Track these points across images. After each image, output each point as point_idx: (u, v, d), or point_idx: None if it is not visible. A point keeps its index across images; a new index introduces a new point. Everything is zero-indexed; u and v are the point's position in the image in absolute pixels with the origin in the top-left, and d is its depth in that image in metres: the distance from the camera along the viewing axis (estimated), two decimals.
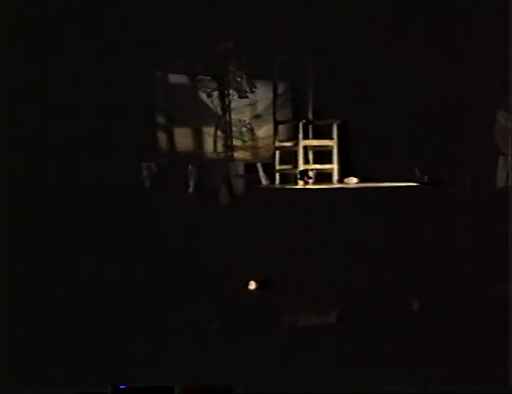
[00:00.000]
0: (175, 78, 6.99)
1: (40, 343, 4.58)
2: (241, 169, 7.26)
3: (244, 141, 7.35)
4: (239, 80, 7.13)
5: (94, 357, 4.39)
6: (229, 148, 7.20)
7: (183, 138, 7.05)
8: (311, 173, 6.89)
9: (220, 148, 7.17)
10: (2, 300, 4.71)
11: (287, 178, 7.27)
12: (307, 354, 4.54)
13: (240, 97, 7.20)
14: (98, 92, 6.04)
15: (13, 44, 5.58)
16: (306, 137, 7.20)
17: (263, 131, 7.46)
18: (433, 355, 4.48)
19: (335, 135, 7.13)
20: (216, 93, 7.09)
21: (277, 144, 7.33)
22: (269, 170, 7.30)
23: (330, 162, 7.14)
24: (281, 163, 7.30)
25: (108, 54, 6.09)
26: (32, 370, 4.23)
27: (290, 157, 7.21)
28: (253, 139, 7.42)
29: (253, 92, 7.26)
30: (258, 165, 7.33)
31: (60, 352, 4.44)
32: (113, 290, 5.33)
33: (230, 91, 7.12)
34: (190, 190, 6.79)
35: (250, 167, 7.32)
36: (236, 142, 7.28)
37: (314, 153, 7.34)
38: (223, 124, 7.16)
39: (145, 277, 5.61)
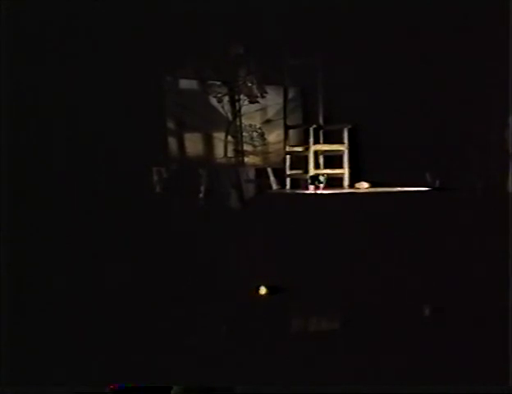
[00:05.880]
0: (185, 83, 7.00)
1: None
2: (252, 174, 7.25)
3: (254, 146, 7.36)
4: (249, 85, 7.14)
5: (99, 358, 4.42)
6: (239, 153, 7.20)
7: (193, 143, 7.05)
8: (322, 178, 6.87)
9: (230, 153, 7.18)
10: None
11: (298, 183, 7.27)
12: (315, 357, 4.55)
13: (251, 102, 7.21)
14: (109, 96, 6.06)
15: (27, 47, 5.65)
16: (317, 142, 7.20)
17: (274, 136, 7.46)
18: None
19: (345, 140, 7.12)
20: (226, 99, 7.10)
21: (288, 148, 7.32)
22: (280, 175, 7.30)
23: (341, 166, 7.13)
24: (291, 168, 7.30)
25: (119, 59, 6.10)
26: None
27: (300, 162, 7.21)
28: (264, 144, 7.42)
29: (263, 97, 7.26)
30: (269, 170, 7.33)
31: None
32: (124, 294, 5.36)
33: (241, 96, 7.13)
34: (201, 195, 6.80)
35: (261, 172, 7.31)
36: (247, 147, 7.29)
37: (325, 158, 7.34)
38: (234, 129, 7.17)
39: (156, 280, 5.63)
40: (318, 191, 6.77)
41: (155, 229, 5.98)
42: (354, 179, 7.12)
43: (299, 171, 7.21)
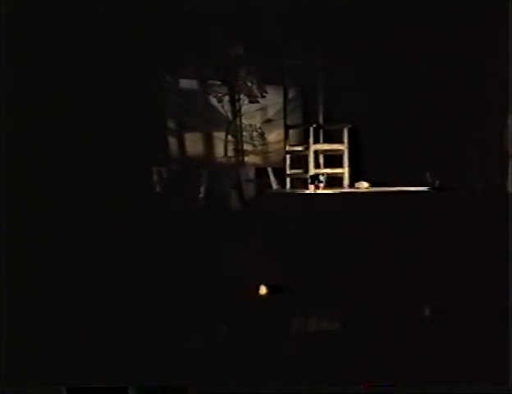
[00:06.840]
0: (186, 83, 7.01)
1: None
2: (252, 174, 7.25)
3: (254, 146, 7.36)
4: (249, 84, 7.14)
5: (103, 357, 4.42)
6: (239, 152, 7.20)
7: (194, 143, 7.06)
8: (322, 178, 6.87)
9: (230, 152, 7.18)
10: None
11: (298, 183, 7.27)
12: (315, 357, 4.55)
13: (251, 102, 7.21)
14: (109, 96, 6.06)
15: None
16: (317, 141, 7.20)
17: (274, 136, 7.47)
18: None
19: (345, 140, 7.12)
20: (226, 98, 7.10)
21: (288, 148, 7.33)
22: (280, 174, 7.30)
23: (340, 166, 7.14)
24: (291, 168, 7.30)
25: (119, 59, 6.11)
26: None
27: (300, 161, 7.21)
28: (264, 144, 7.43)
29: (263, 97, 7.26)
30: (269, 169, 7.34)
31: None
32: (124, 294, 5.36)
33: (241, 96, 7.13)
34: (201, 194, 6.80)
35: (261, 172, 7.31)
36: (247, 147, 7.29)
37: (325, 158, 7.34)
38: (234, 129, 7.17)
39: (155, 280, 5.63)
40: (318, 191, 6.78)
41: (155, 229, 5.98)
42: (354, 178, 7.13)
43: (299, 171, 7.21)
